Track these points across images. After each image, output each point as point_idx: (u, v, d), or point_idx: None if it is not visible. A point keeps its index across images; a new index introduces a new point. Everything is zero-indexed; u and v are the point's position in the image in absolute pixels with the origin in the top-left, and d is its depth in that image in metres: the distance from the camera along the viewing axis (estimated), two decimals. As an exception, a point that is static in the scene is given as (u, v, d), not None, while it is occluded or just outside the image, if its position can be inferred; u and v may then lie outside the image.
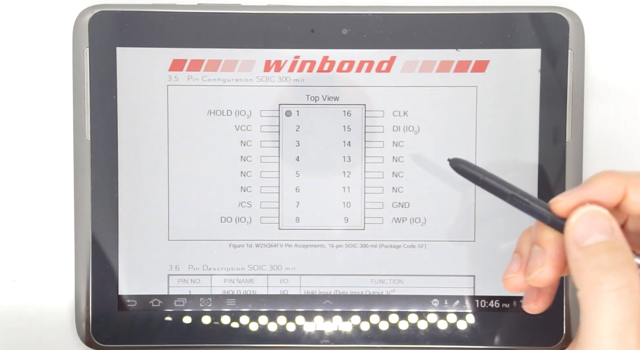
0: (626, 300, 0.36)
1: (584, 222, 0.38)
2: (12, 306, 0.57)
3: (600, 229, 0.38)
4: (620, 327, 0.36)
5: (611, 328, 0.36)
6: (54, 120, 0.56)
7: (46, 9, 0.56)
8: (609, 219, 0.38)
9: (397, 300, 0.55)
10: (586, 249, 0.38)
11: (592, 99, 0.56)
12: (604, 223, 0.38)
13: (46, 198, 0.56)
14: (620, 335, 0.36)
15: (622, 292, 0.36)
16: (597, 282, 0.37)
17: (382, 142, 0.54)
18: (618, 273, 0.36)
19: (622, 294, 0.36)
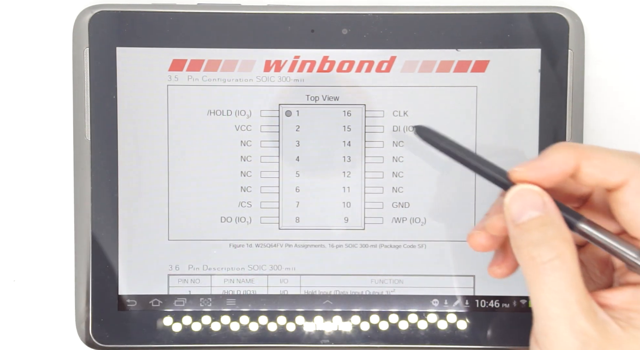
0: (559, 270, 0.38)
1: (517, 200, 0.40)
2: (12, 306, 0.57)
3: (532, 206, 0.39)
4: (559, 296, 0.38)
5: (551, 298, 0.38)
6: (54, 120, 0.56)
7: (46, 9, 0.56)
8: (541, 195, 0.40)
9: (397, 300, 0.55)
10: (521, 226, 0.39)
11: (592, 99, 0.56)
12: (535, 200, 0.39)
13: (46, 198, 0.56)
14: (563, 304, 0.38)
15: (553, 264, 0.38)
16: (531, 257, 0.39)
17: (382, 142, 0.54)
18: (548, 246, 0.38)
19: (554, 265, 0.38)
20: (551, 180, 0.40)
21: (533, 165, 0.40)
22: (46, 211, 0.56)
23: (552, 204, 0.40)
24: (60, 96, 0.56)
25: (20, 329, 0.57)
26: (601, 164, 0.39)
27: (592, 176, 0.40)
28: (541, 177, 0.40)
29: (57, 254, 0.56)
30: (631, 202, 0.39)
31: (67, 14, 0.55)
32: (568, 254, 0.38)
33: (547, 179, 0.40)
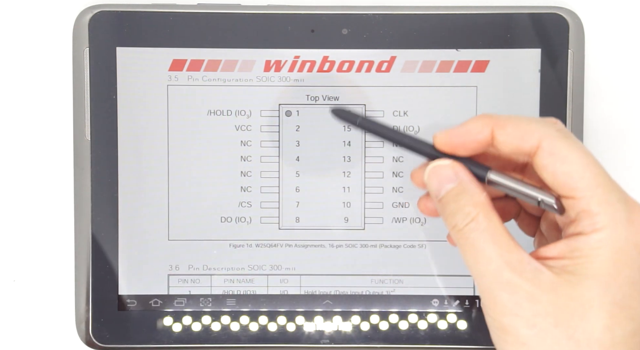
0: (475, 231, 0.40)
1: (433, 177, 0.42)
2: (12, 306, 0.57)
3: (447, 179, 0.42)
4: (480, 254, 0.40)
5: (475, 257, 0.40)
6: (54, 120, 0.56)
7: (46, 9, 0.56)
8: (452, 167, 0.42)
9: (397, 300, 0.55)
10: (441, 201, 0.42)
11: (592, 99, 0.56)
12: (448, 173, 0.42)
13: (46, 198, 0.56)
14: (485, 261, 0.40)
15: (470, 226, 0.41)
16: (452, 227, 0.41)
17: (382, 142, 0.54)
18: (462, 213, 0.41)
19: (470, 228, 0.41)
20: (468, 147, 0.42)
21: (451, 132, 0.42)
22: (46, 211, 0.56)
23: (464, 172, 0.42)
24: (60, 96, 0.56)
25: (20, 329, 0.57)
26: (513, 131, 0.41)
27: (506, 143, 0.41)
28: (458, 144, 0.42)
29: (57, 254, 0.56)
30: (548, 164, 0.40)
31: (67, 14, 0.55)
32: (481, 216, 0.41)
33: (463, 146, 0.42)
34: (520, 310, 0.40)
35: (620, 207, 0.39)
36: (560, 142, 0.40)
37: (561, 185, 0.40)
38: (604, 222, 0.39)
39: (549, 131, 0.41)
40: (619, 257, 0.39)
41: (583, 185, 0.40)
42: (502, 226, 0.41)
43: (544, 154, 0.40)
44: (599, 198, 0.39)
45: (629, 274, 0.39)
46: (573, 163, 0.40)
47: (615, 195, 0.40)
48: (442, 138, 0.43)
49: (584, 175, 0.40)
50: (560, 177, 0.40)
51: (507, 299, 0.40)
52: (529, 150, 0.41)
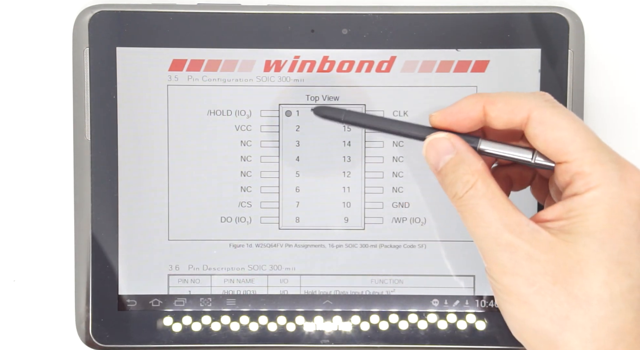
0: (474, 198, 0.42)
1: (431, 150, 0.44)
2: (12, 306, 0.57)
3: (445, 151, 0.44)
4: (480, 219, 0.42)
5: (475, 223, 0.42)
6: (54, 120, 0.56)
7: (46, 9, 0.56)
8: (449, 139, 0.44)
9: (397, 300, 0.55)
10: (441, 172, 0.44)
11: (592, 99, 0.56)
12: (445, 145, 0.44)
13: (46, 198, 0.56)
14: (485, 224, 0.42)
15: (469, 194, 0.43)
16: (453, 196, 0.43)
17: (382, 142, 0.54)
18: (460, 182, 0.43)
19: (469, 195, 0.43)
20: (462, 124, 0.44)
21: (445, 111, 0.44)
22: (46, 211, 0.56)
23: (461, 143, 0.44)
24: (60, 96, 0.56)
25: (20, 329, 0.57)
26: (504, 106, 0.43)
27: (499, 119, 0.43)
28: (453, 122, 0.44)
29: (57, 254, 0.56)
30: (539, 132, 0.42)
31: (67, 14, 0.55)
32: (480, 182, 0.42)
33: (457, 123, 0.44)
34: (520, 270, 0.41)
35: (611, 166, 0.41)
36: (549, 111, 0.42)
37: (554, 151, 0.42)
38: (596, 181, 0.41)
39: (537, 102, 0.42)
40: (613, 214, 0.40)
41: (574, 149, 0.41)
42: (500, 191, 0.43)
43: (534, 123, 0.42)
44: (591, 159, 0.41)
45: (624, 230, 0.40)
46: (563, 129, 0.41)
47: (606, 155, 0.41)
48: (437, 117, 0.44)
49: (574, 140, 0.41)
50: (552, 143, 0.42)
51: (507, 259, 0.41)
52: (521, 122, 0.42)
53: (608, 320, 0.40)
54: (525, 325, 0.42)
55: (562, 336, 0.41)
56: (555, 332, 0.41)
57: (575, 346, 0.41)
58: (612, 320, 0.40)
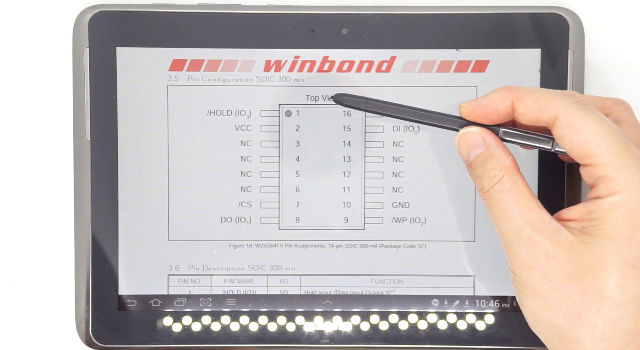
0: (499, 192, 0.44)
1: (462, 144, 0.46)
2: (12, 306, 0.57)
3: (475, 145, 0.45)
4: (503, 213, 0.44)
5: (499, 216, 0.44)
6: (54, 120, 0.56)
7: (46, 9, 0.56)
8: (479, 133, 0.45)
9: (397, 300, 0.55)
10: (470, 165, 0.45)
11: (592, 99, 0.56)
12: (476, 138, 0.45)
13: (46, 198, 0.56)
14: (507, 219, 0.43)
15: (495, 188, 0.44)
16: (480, 188, 0.45)
17: (382, 142, 0.54)
18: (488, 176, 0.44)
19: (495, 189, 0.44)
20: (490, 118, 0.45)
21: (475, 103, 0.45)
22: (46, 211, 0.56)
23: (491, 138, 0.45)
24: (60, 96, 0.56)
25: (20, 329, 0.57)
26: (532, 104, 0.44)
27: (526, 116, 0.44)
28: (481, 114, 0.45)
29: (57, 254, 0.56)
30: (565, 135, 0.42)
31: (67, 14, 0.55)
32: (506, 178, 0.44)
33: (485, 116, 0.45)
34: (537, 265, 0.42)
35: (635, 171, 0.41)
36: (577, 113, 0.42)
37: (579, 154, 0.42)
38: (619, 186, 0.41)
39: (565, 103, 0.43)
40: (632, 219, 0.41)
41: (599, 153, 0.42)
42: (526, 188, 0.44)
43: (561, 125, 0.42)
44: (615, 163, 0.41)
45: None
46: (589, 132, 0.42)
47: (631, 160, 0.41)
48: (466, 108, 0.45)
49: (599, 143, 0.42)
50: (577, 146, 0.42)
51: (525, 254, 0.43)
52: (547, 122, 0.43)
53: (620, 321, 0.41)
54: (539, 317, 0.43)
55: (574, 332, 0.42)
56: (568, 328, 0.42)
57: (586, 342, 0.42)
58: (624, 321, 0.41)
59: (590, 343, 0.42)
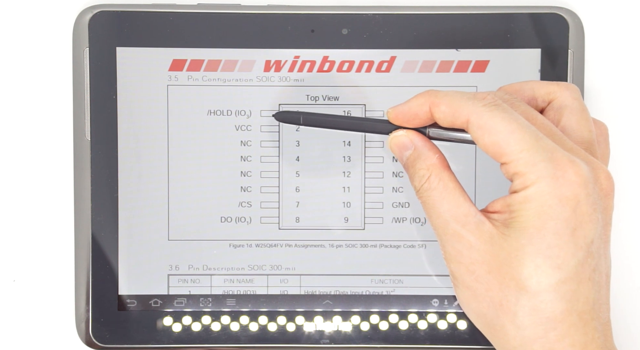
0: (427, 190, 0.45)
1: (393, 147, 0.47)
2: (12, 306, 0.57)
3: (404, 147, 0.47)
4: (433, 210, 0.45)
5: (429, 213, 0.45)
6: (54, 120, 0.56)
7: (46, 9, 0.56)
8: (406, 136, 0.47)
9: (397, 300, 0.55)
10: (404, 167, 0.47)
11: (592, 99, 0.56)
12: (404, 141, 0.47)
13: (46, 198, 0.56)
14: (436, 214, 0.45)
15: (423, 187, 0.46)
16: (413, 188, 0.46)
17: (382, 142, 0.54)
18: (417, 176, 0.46)
19: (424, 188, 0.46)
20: (414, 122, 0.46)
21: (398, 109, 0.47)
22: (46, 211, 0.56)
23: (418, 138, 0.47)
24: (60, 96, 0.56)
25: (20, 329, 0.57)
26: (446, 109, 0.45)
27: (443, 120, 0.45)
28: (405, 120, 0.47)
29: (57, 254, 0.56)
30: (478, 137, 0.44)
31: (67, 14, 0.55)
32: (433, 176, 0.45)
33: (409, 121, 0.46)
34: (462, 258, 0.45)
35: (544, 165, 0.43)
36: (486, 116, 0.44)
37: (493, 154, 0.44)
38: (530, 180, 0.43)
39: (475, 107, 0.44)
40: (543, 210, 0.43)
41: (509, 151, 0.43)
42: (454, 183, 0.45)
43: (473, 128, 0.44)
44: (525, 160, 0.43)
45: (553, 226, 0.43)
46: (499, 132, 0.43)
47: (540, 155, 0.43)
48: (391, 114, 0.47)
49: (509, 142, 0.43)
50: (490, 147, 0.44)
51: (452, 247, 0.45)
52: (462, 125, 0.45)
53: (538, 310, 0.43)
54: (470, 308, 0.45)
55: (498, 321, 0.44)
56: (493, 317, 0.44)
57: (509, 331, 0.44)
58: (542, 310, 0.43)
59: (513, 331, 0.43)
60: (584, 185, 0.43)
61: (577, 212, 0.43)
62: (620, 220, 0.56)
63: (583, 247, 0.43)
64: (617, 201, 0.55)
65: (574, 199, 0.43)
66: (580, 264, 0.43)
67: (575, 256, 0.43)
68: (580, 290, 0.43)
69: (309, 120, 0.49)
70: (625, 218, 0.56)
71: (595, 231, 0.43)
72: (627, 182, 0.56)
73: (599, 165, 0.44)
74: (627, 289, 0.55)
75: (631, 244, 0.56)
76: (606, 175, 0.44)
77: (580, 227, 0.43)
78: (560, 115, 0.47)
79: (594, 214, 0.43)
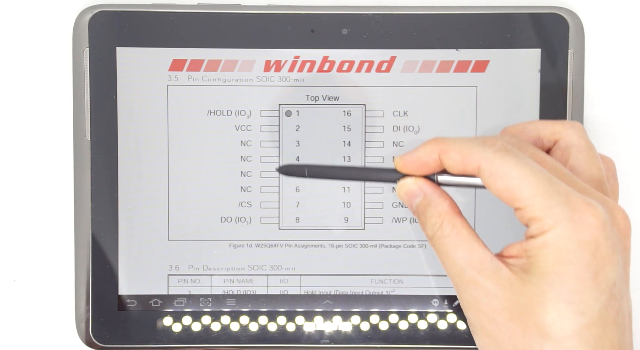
0: (441, 238, 0.45)
1: (402, 196, 0.46)
2: (12, 306, 0.57)
3: (413, 195, 0.46)
4: (447, 257, 0.44)
5: (444, 260, 0.45)
6: (54, 120, 0.56)
7: (46, 9, 0.56)
8: (415, 183, 0.46)
9: (397, 300, 0.55)
10: (415, 214, 0.46)
11: (592, 99, 0.56)
12: (413, 188, 0.46)
13: (46, 198, 0.56)
14: (451, 262, 0.44)
15: (436, 235, 0.45)
16: (427, 236, 0.46)
17: (382, 142, 0.54)
18: (429, 224, 0.45)
19: (436, 235, 0.45)
20: (423, 170, 0.46)
21: (405, 158, 0.46)
22: (46, 211, 0.56)
23: (427, 185, 0.46)
24: (60, 96, 0.56)
25: (20, 329, 0.57)
26: (456, 156, 0.44)
27: (453, 167, 0.44)
28: (412, 168, 0.46)
29: (57, 254, 0.56)
30: (490, 183, 0.43)
31: (67, 14, 0.55)
32: (445, 223, 0.45)
33: (417, 170, 0.46)
34: (481, 306, 0.43)
35: (560, 209, 0.42)
36: (497, 162, 0.43)
37: (507, 200, 0.43)
38: (547, 225, 0.42)
39: (485, 154, 0.43)
40: (562, 255, 0.42)
41: (524, 196, 0.42)
42: (467, 229, 0.44)
43: (484, 174, 0.43)
44: (540, 204, 0.42)
45: (574, 271, 0.42)
46: (511, 178, 0.42)
47: (555, 199, 0.42)
48: (399, 163, 0.46)
49: (522, 187, 0.42)
50: (503, 193, 0.43)
51: (469, 296, 0.44)
52: (473, 172, 0.44)
53: None
54: None
55: None
56: None
57: None
58: None
59: None
60: (602, 228, 0.42)
61: (597, 255, 0.42)
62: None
63: (605, 291, 0.42)
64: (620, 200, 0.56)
65: (593, 242, 0.42)
66: (604, 307, 0.42)
67: (599, 300, 0.42)
68: (606, 335, 0.42)
69: (313, 172, 0.48)
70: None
71: (617, 273, 0.42)
72: (626, 181, 0.56)
73: (614, 205, 0.43)
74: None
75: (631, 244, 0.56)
76: (623, 215, 0.43)
77: (601, 271, 0.42)
78: (568, 155, 0.46)
79: (614, 256, 0.42)
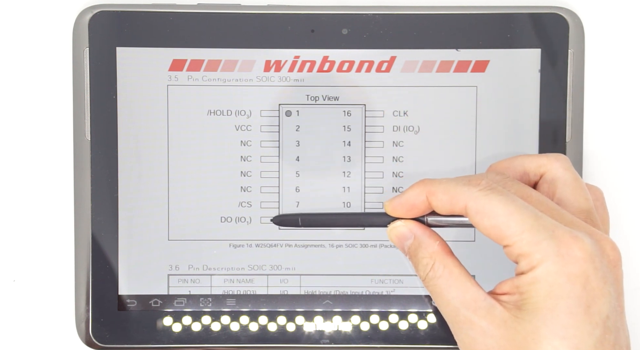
0: (433, 279, 0.45)
1: (393, 239, 0.47)
2: (12, 306, 0.57)
3: (404, 238, 0.47)
4: (441, 298, 0.44)
5: (439, 301, 0.45)
6: (54, 120, 0.56)
7: (46, 9, 0.56)
8: (404, 226, 0.47)
9: (397, 300, 0.55)
10: (407, 256, 0.47)
11: (592, 99, 0.56)
12: (403, 231, 0.47)
13: (46, 198, 0.56)
14: (445, 303, 0.44)
15: (428, 276, 0.45)
16: (420, 277, 0.46)
17: (382, 142, 0.54)
18: (420, 265, 0.46)
19: (429, 277, 0.45)
20: (413, 212, 0.46)
21: (394, 202, 0.47)
22: (46, 211, 0.56)
23: (417, 227, 0.47)
24: (60, 96, 0.56)
25: (20, 329, 0.57)
26: (443, 196, 0.45)
27: (441, 208, 0.45)
28: (403, 212, 0.47)
29: (57, 254, 0.56)
30: (477, 222, 0.44)
31: (67, 14, 0.55)
32: (437, 264, 0.45)
33: (407, 212, 0.47)
34: (477, 345, 0.43)
35: (547, 244, 0.42)
36: (482, 200, 0.43)
37: (494, 238, 0.43)
38: (536, 260, 0.42)
39: (471, 193, 0.44)
40: (553, 290, 0.42)
41: (510, 233, 0.43)
42: (459, 268, 0.45)
43: (471, 213, 0.44)
44: (527, 240, 0.42)
45: (566, 305, 0.41)
46: (497, 216, 0.43)
47: (542, 234, 0.42)
48: (388, 207, 0.47)
49: (509, 225, 0.43)
50: (490, 230, 0.43)
51: (464, 335, 0.44)
52: (460, 212, 0.44)
53: None
54: None
55: None
56: None
57: None
58: None
59: None
60: (591, 260, 0.42)
61: (587, 288, 0.41)
62: (620, 220, 0.56)
63: (599, 324, 0.41)
64: (617, 202, 0.55)
65: (582, 275, 0.41)
66: (599, 341, 0.41)
67: (593, 334, 0.41)
68: None
69: (307, 221, 0.50)
70: (624, 217, 0.56)
71: (610, 305, 0.42)
72: (626, 183, 0.56)
73: (602, 236, 0.43)
74: (627, 289, 0.55)
75: (631, 244, 0.56)
76: (611, 245, 0.43)
77: (593, 304, 0.42)
78: (555, 188, 0.46)
79: (605, 288, 0.42)
